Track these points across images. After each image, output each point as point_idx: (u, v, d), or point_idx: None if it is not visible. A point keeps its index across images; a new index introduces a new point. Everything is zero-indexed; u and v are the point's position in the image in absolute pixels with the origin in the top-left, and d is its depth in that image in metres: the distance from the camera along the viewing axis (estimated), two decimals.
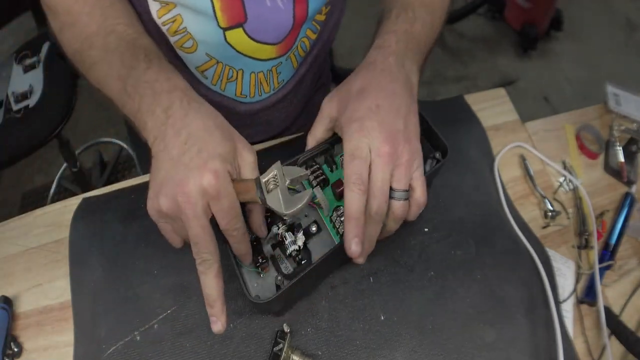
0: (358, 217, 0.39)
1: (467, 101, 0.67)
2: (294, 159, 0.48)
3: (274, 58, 0.54)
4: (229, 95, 0.58)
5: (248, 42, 0.51)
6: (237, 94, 0.57)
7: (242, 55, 0.53)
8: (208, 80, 0.56)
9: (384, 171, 0.39)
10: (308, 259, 0.46)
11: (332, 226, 0.47)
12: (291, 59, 0.57)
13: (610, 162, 0.65)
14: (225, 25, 0.48)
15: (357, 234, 0.39)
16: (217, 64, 0.54)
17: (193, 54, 0.52)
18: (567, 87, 1.87)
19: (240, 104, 0.59)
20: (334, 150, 0.51)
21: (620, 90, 0.71)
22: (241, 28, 0.49)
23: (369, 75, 0.43)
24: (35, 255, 0.54)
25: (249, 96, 0.58)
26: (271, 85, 0.58)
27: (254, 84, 0.56)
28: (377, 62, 0.43)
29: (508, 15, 2.03)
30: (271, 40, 0.52)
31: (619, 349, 0.51)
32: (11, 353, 0.48)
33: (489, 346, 0.48)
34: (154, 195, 0.38)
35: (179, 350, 0.46)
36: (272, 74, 0.57)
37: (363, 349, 0.47)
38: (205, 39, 0.50)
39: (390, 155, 0.39)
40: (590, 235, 0.58)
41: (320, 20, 0.55)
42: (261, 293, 0.46)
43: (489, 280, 0.51)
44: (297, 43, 0.55)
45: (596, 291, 0.53)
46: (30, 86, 1.07)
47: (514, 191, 0.61)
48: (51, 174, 1.61)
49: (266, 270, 0.46)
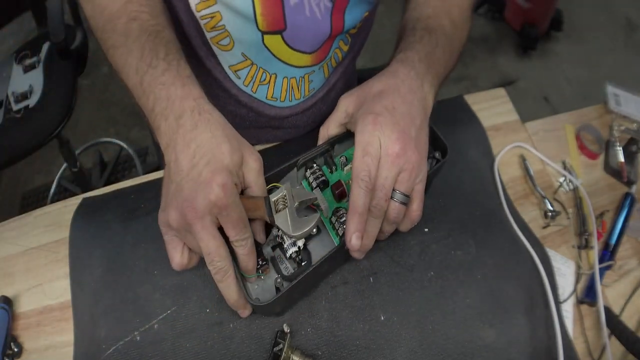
0: (362, 212, 0.40)
1: (467, 101, 0.67)
2: (294, 161, 0.48)
3: (308, 66, 0.55)
4: (260, 97, 0.58)
5: (285, 49, 0.52)
6: (267, 97, 0.58)
7: (277, 59, 0.53)
8: (240, 80, 0.56)
9: (390, 170, 0.40)
10: (308, 260, 0.46)
11: (332, 227, 0.47)
12: (323, 68, 0.58)
13: (611, 162, 0.65)
14: (264, 29, 0.49)
15: (359, 229, 0.40)
16: (252, 65, 0.54)
17: (229, 52, 0.52)
18: (567, 87, 1.87)
19: (270, 107, 0.59)
20: (333, 152, 0.51)
21: (621, 90, 0.71)
22: (280, 35, 0.50)
23: (390, 81, 0.44)
24: (35, 255, 0.54)
25: (280, 100, 0.58)
26: (302, 92, 0.59)
27: (285, 88, 0.57)
28: (398, 72, 0.44)
29: (508, 16, 2.03)
30: (307, 49, 0.52)
31: (619, 349, 0.51)
32: (11, 353, 0.48)
33: (488, 346, 0.48)
34: (165, 208, 0.39)
35: (179, 351, 0.46)
36: (305, 81, 0.57)
37: (363, 349, 0.47)
38: (243, 38, 0.50)
39: (399, 156, 0.40)
40: (590, 236, 0.58)
41: (353, 33, 0.56)
42: (261, 295, 0.46)
43: (489, 280, 0.51)
44: (330, 54, 0.56)
45: (596, 291, 0.53)
46: (30, 86, 1.07)
47: (514, 191, 0.61)
48: (51, 174, 1.61)
49: (266, 272, 0.46)
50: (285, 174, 0.49)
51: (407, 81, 0.43)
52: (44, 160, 1.66)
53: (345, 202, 0.49)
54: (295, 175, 0.50)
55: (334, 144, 0.50)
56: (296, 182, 0.50)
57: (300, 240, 0.45)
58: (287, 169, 0.48)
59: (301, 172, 0.50)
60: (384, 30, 1.88)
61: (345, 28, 0.52)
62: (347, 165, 0.51)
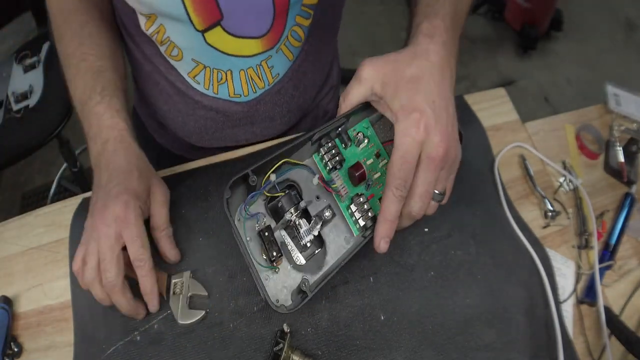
0: (393, 219, 0.39)
1: (467, 101, 0.67)
2: (309, 135, 0.44)
3: (262, 52, 0.52)
4: (223, 97, 0.57)
5: (230, 40, 0.49)
6: (230, 94, 0.57)
7: (226, 54, 0.51)
8: (201, 85, 0.56)
9: (433, 174, 0.38)
10: (322, 247, 0.45)
11: (350, 215, 0.45)
12: (283, 50, 0.54)
13: (611, 162, 0.65)
14: (202, 28, 0.47)
15: (389, 235, 0.40)
16: (205, 68, 0.53)
17: (181, 61, 0.53)
18: (567, 87, 1.87)
19: (236, 104, 0.58)
20: (347, 123, 0.47)
21: (621, 90, 0.71)
22: (219, 26, 0.48)
23: (424, 65, 0.40)
24: (35, 255, 0.54)
25: (243, 95, 0.57)
26: (265, 80, 0.56)
27: (245, 81, 0.55)
28: (430, 52, 0.40)
29: (508, 16, 2.03)
30: (254, 34, 0.50)
31: (619, 349, 0.51)
32: (11, 353, 0.48)
33: (488, 346, 0.48)
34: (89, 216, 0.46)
35: (179, 350, 0.46)
36: (264, 69, 0.55)
37: (363, 349, 0.47)
38: (188, 44, 0.50)
39: (443, 160, 0.38)
40: (591, 236, 0.58)
41: (311, 3, 0.51)
42: (274, 291, 0.43)
43: (489, 280, 0.51)
44: (285, 33, 0.52)
45: (596, 291, 0.53)
46: (30, 86, 1.07)
47: (514, 191, 0.61)
48: (51, 174, 1.61)
49: (279, 263, 0.44)
50: (298, 149, 0.45)
51: (439, 63, 0.40)
52: (44, 160, 1.66)
53: (363, 186, 0.46)
54: (309, 150, 0.46)
55: (349, 115, 0.45)
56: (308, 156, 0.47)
57: (316, 229, 0.44)
58: (302, 144, 0.45)
59: (314, 147, 0.46)
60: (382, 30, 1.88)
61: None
62: (363, 143, 0.47)
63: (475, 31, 2.04)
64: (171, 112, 0.62)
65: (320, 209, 0.45)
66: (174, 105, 0.60)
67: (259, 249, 0.44)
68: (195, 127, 0.62)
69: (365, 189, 0.47)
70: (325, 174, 0.46)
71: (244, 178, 0.42)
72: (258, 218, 0.44)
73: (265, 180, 0.44)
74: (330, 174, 0.46)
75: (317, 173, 0.46)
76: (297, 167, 0.45)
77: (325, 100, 0.71)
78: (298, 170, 0.45)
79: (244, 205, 0.44)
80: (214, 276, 0.50)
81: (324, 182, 0.45)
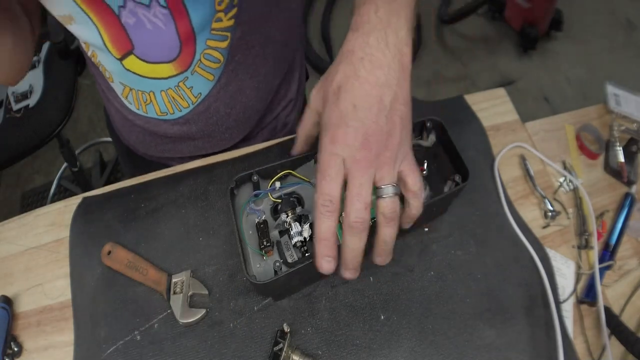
0: (328, 237, 0.37)
1: (467, 101, 0.67)
2: (313, 152, 0.48)
3: (176, 75, 0.53)
4: (152, 116, 0.59)
5: (143, 65, 0.51)
6: (157, 113, 0.58)
7: (144, 77, 0.53)
8: (132, 105, 0.59)
9: (362, 176, 0.36)
10: (312, 253, 0.46)
11: (340, 226, 0.47)
12: (198, 72, 0.53)
13: (611, 162, 0.65)
14: (119, 56, 0.50)
15: (328, 254, 0.38)
16: (131, 90, 0.56)
17: (113, 83, 0.56)
18: (567, 87, 1.87)
19: (165, 122, 0.59)
20: None
21: (621, 90, 0.71)
22: (132, 55, 0.50)
23: (348, 68, 0.38)
24: (35, 255, 0.54)
25: (169, 113, 0.58)
26: (187, 100, 0.56)
27: (167, 101, 0.56)
28: (355, 51, 0.38)
29: (508, 16, 2.03)
30: (164, 59, 0.51)
31: (619, 349, 0.51)
32: (11, 353, 0.48)
33: (488, 346, 0.48)
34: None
35: (179, 350, 0.46)
36: (183, 89, 0.55)
37: (363, 349, 0.47)
38: (112, 69, 0.53)
39: (367, 160, 0.36)
40: (591, 236, 0.58)
41: (225, 26, 0.50)
42: (262, 275, 0.46)
43: (489, 280, 0.51)
44: (197, 57, 0.52)
45: (596, 291, 0.53)
46: (30, 86, 1.07)
47: (514, 191, 0.61)
48: (51, 174, 1.61)
49: (270, 254, 0.47)
50: (302, 164, 0.49)
51: (367, 56, 0.37)
52: (44, 160, 1.66)
53: None
54: (312, 166, 0.50)
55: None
56: (312, 175, 0.50)
57: (307, 231, 0.47)
58: (305, 159, 0.49)
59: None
60: None
61: (196, 30, 0.48)
62: None
63: (475, 31, 2.04)
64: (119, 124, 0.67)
65: None
66: (119, 120, 0.65)
67: (255, 241, 0.48)
68: (137, 140, 0.67)
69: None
70: None
71: (249, 177, 0.47)
72: (259, 214, 0.48)
73: (271, 185, 0.48)
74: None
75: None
76: (303, 183, 0.49)
77: (284, 113, 0.70)
78: (303, 185, 0.50)
79: (249, 200, 0.48)
80: (214, 275, 0.50)
81: None
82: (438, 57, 1.95)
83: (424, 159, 0.53)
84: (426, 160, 0.52)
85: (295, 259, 0.47)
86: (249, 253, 0.48)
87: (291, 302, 0.49)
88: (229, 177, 0.56)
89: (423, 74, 1.83)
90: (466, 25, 2.03)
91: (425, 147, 0.55)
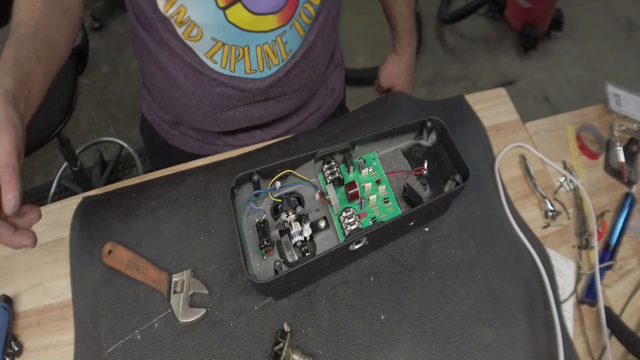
0: None
1: (467, 101, 0.67)
2: (313, 152, 0.49)
3: (277, 28, 0.55)
4: (239, 74, 0.59)
5: (248, 16, 0.52)
6: (246, 71, 0.59)
7: (245, 31, 0.54)
8: (218, 64, 0.57)
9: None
10: (312, 252, 0.48)
11: (340, 226, 0.48)
12: (296, 27, 0.57)
13: (611, 162, 0.65)
14: (224, 5, 0.50)
15: None
16: (224, 46, 0.55)
17: (200, 41, 0.54)
18: (568, 87, 1.87)
19: (251, 80, 0.60)
20: (353, 152, 0.52)
21: (621, 90, 0.71)
22: (239, 3, 0.51)
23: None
24: (35, 254, 0.54)
25: (259, 70, 0.59)
26: (279, 56, 0.59)
27: (261, 57, 0.58)
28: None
29: (508, 15, 2.03)
30: (271, 10, 0.53)
31: (619, 349, 0.51)
32: (11, 352, 0.48)
33: (488, 346, 0.48)
34: None
35: (179, 349, 0.46)
36: (278, 45, 0.58)
37: (363, 349, 0.47)
38: (208, 23, 0.52)
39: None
40: (591, 236, 0.58)
41: None
42: (262, 275, 0.47)
43: (489, 280, 0.51)
44: (299, 9, 0.55)
45: (596, 291, 0.53)
46: None
47: (514, 191, 0.61)
48: (51, 174, 1.61)
49: (270, 253, 0.48)
50: (302, 164, 0.50)
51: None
52: (44, 160, 1.66)
53: (356, 204, 0.50)
54: (312, 166, 0.51)
55: (355, 144, 0.51)
56: (312, 174, 0.52)
57: (307, 231, 0.47)
58: (305, 159, 0.50)
59: (318, 165, 0.51)
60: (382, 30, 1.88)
61: None
62: (365, 169, 0.52)
63: (476, 31, 2.04)
64: (185, 97, 0.63)
65: (317, 218, 0.50)
66: (188, 88, 0.62)
67: (256, 240, 0.49)
68: (210, 107, 0.63)
69: (360, 208, 0.50)
70: (325, 189, 0.51)
71: (249, 177, 0.47)
72: (259, 214, 0.49)
73: (271, 184, 0.48)
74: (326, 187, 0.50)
75: (320, 189, 0.51)
76: (304, 183, 0.51)
77: (332, 77, 0.76)
78: (304, 185, 0.52)
79: (250, 200, 0.48)
80: (215, 275, 0.50)
81: (322, 196, 0.50)
82: (438, 57, 1.94)
83: (424, 159, 0.53)
84: (426, 159, 0.52)
85: (296, 258, 0.47)
86: (249, 252, 0.48)
87: (291, 301, 0.49)
88: (230, 177, 0.56)
89: (423, 73, 1.83)
90: (467, 25, 2.03)
91: (425, 147, 0.55)
